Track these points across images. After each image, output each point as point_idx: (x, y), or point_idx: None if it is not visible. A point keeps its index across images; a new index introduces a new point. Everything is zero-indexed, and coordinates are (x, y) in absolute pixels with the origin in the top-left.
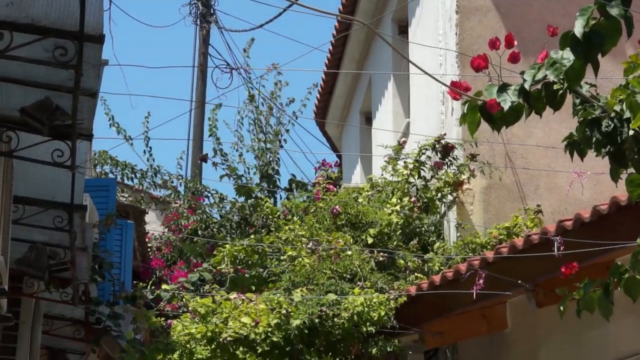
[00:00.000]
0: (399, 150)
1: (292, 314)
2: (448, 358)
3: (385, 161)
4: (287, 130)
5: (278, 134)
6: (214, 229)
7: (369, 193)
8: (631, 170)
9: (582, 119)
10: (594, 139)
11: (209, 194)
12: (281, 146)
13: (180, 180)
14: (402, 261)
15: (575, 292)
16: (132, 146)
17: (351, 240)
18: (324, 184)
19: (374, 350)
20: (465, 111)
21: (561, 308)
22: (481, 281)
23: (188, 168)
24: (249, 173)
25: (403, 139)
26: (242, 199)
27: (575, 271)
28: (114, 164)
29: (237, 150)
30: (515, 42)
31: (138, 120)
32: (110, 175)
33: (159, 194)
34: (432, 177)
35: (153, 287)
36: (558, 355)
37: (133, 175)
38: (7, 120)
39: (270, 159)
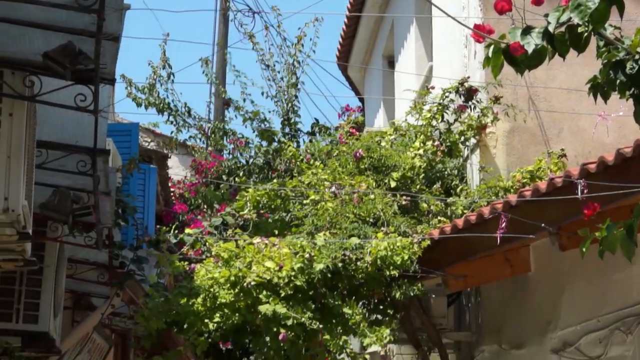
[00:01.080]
0: (425, 94)
1: (315, 258)
2: (471, 301)
3: (410, 106)
4: (304, 71)
5: (295, 71)
6: (238, 174)
7: (392, 137)
8: None
9: (606, 61)
10: (618, 81)
11: (233, 137)
12: (298, 87)
13: (209, 124)
14: (425, 205)
15: (598, 232)
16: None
17: (374, 184)
18: (347, 128)
19: (397, 294)
20: (488, 54)
21: (583, 249)
22: (504, 224)
23: (211, 113)
24: (270, 117)
25: (431, 85)
26: (265, 143)
27: (597, 212)
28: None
29: (262, 94)
30: None
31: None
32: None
33: (183, 137)
34: (455, 120)
35: (176, 232)
36: (581, 298)
37: (169, 111)
38: (30, 65)
39: (289, 100)
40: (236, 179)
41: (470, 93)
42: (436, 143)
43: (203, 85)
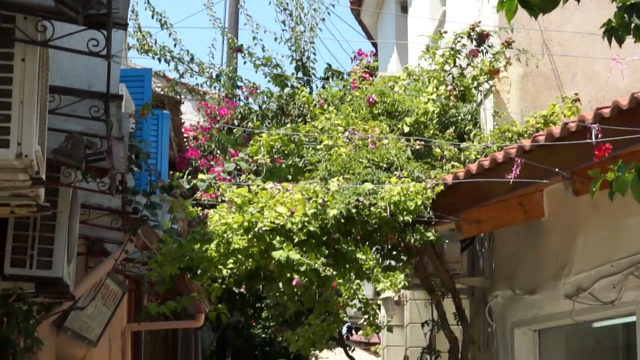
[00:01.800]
0: (439, 39)
1: (328, 203)
2: (484, 247)
3: (422, 51)
4: (323, 19)
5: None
6: (251, 119)
7: (405, 82)
8: None
9: (620, 4)
10: (633, 25)
11: (246, 84)
12: (315, 31)
13: (215, 69)
14: (438, 150)
15: (608, 173)
16: (167, 30)
17: (387, 129)
18: (360, 73)
19: (410, 240)
20: None
21: (593, 189)
22: (518, 169)
23: (223, 59)
24: (283, 62)
25: (444, 30)
26: (277, 89)
27: (609, 154)
28: (144, 49)
29: (275, 39)
30: None
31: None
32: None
33: (194, 83)
34: (468, 65)
35: (189, 177)
36: (595, 242)
37: (171, 59)
38: (42, 10)
39: (305, 48)
40: (249, 124)
41: (482, 38)
42: (449, 88)
43: (213, 33)
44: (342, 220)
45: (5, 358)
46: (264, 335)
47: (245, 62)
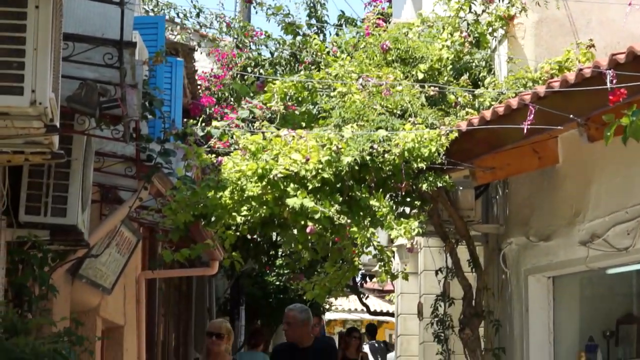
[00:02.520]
0: None
1: (342, 150)
2: (499, 193)
3: None
4: None
5: None
6: (264, 66)
7: (419, 28)
8: None
9: None
10: None
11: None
12: None
13: (224, 19)
14: (452, 97)
15: (623, 118)
16: None
17: (401, 76)
18: (374, 20)
19: (424, 186)
20: None
21: (607, 133)
22: (532, 116)
23: (236, 9)
24: (297, 10)
25: None
26: (289, 37)
27: (624, 99)
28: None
29: None
30: None
31: None
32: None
33: (207, 32)
34: (482, 11)
35: (203, 125)
36: (609, 189)
37: (175, 15)
38: None
39: None
40: (262, 71)
41: None
42: (464, 34)
43: None
44: (356, 168)
45: (20, 305)
46: (278, 283)
47: (257, 12)
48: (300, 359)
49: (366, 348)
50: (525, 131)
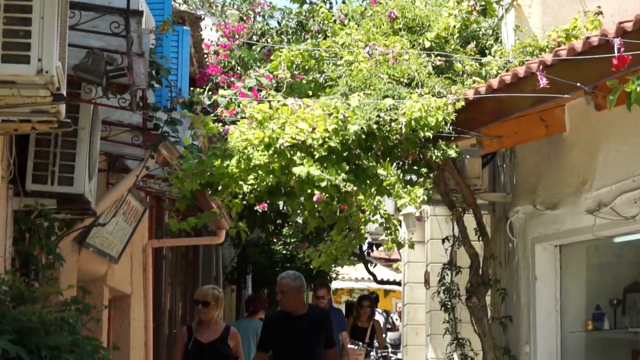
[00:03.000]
0: None
1: (349, 119)
2: (506, 162)
3: None
4: None
5: None
6: (272, 35)
7: None
8: None
9: None
10: None
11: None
12: None
13: None
14: (459, 65)
15: (628, 84)
16: None
17: (408, 45)
18: None
19: (431, 155)
20: None
21: (611, 98)
22: (544, 80)
23: None
24: None
25: None
26: (296, 6)
27: (627, 63)
28: None
29: None
30: None
31: None
32: None
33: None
34: None
35: (210, 94)
36: (616, 157)
37: None
38: None
39: None
40: (268, 39)
41: None
42: (471, 2)
43: None
44: (363, 136)
45: (27, 274)
46: (284, 252)
47: None
48: (293, 328)
49: (379, 317)
50: (532, 100)
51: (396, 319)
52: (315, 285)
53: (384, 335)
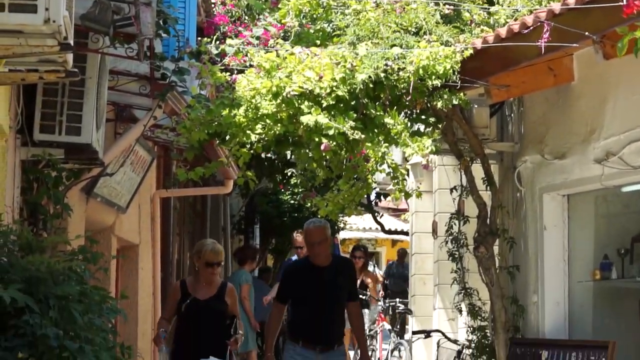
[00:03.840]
0: None
1: (357, 68)
2: (514, 111)
3: None
4: None
5: None
6: None
7: None
8: None
9: None
10: None
11: None
12: None
13: None
14: (467, 14)
15: (637, 31)
16: None
17: None
18: None
19: (439, 104)
20: None
21: (619, 45)
22: (548, 33)
23: None
24: None
25: None
26: None
27: (637, 9)
28: None
29: None
30: None
31: None
32: None
33: None
34: None
35: (217, 43)
36: (625, 107)
37: None
38: None
39: None
40: None
41: None
42: None
43: None
44: (371, 85)
45: (35, 224)
46: (292, 202)
47: None
48: (317, 278)
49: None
50: (540, 49)
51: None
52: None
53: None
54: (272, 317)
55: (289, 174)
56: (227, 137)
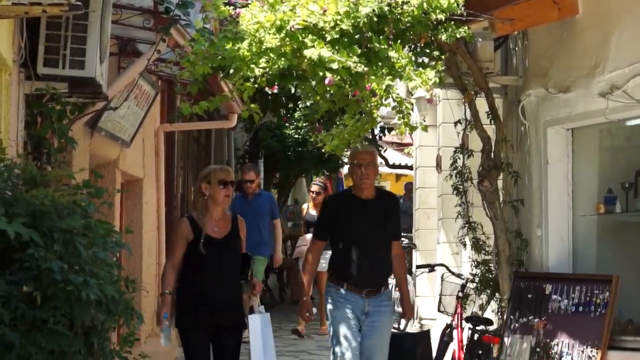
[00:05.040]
0: None
1: (360, 1)
2: (518, 45)
3: None
4: None
5: None
6: None
7: None
8: None
9: None
10: None
11: None
12: None
13: None
14: None
15: None
16: None
17: None
18: None
19: (443, 37)
20: None
21: None
22: None
23: None
24: None
25: None
26: None
27: None
28: None
29: None
30: None
31: None
32: None
33: None
34: None
35: None
36: (630, 40)
37: None
38: None
39: None
40: None
41: None
42: None
43: None
44: (375, 19)
45: (39, 158)
46: (296, 136)
47: None
48: (362, 213)
49: None
50: None
51: None
52: (243, 167)
53: None
54: (309, 257)
55: (293, 108)
56: (231, 71)
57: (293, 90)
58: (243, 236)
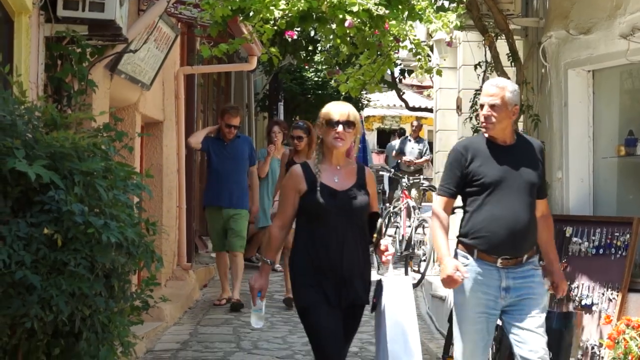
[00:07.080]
0: None
1: None
2: None
3: None
4: None
5: None
6: None
7: None
8: None
9: None
10: None
11: None
12: None
13: None
14: None
15: None
16: None
17: None
18: None
19: None
20: None
21: None
22: None
23: None
24: None
25: None
26: None
27: None
28: None
29: None
30: None
31: None
32: None
33: None
34: None
35: None
36: None
37: None
38: None
39: None
40: None
41: None
42: None
43: None
44: None
45: (59, 100)
46: (316, 79)
47: None
48: (500, 160)
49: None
50: None
51: None
52: (225, 110)
53: None
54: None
55: (313, 50)
56: (251, 13)
57: (313, 33)
58: (372, 191)
